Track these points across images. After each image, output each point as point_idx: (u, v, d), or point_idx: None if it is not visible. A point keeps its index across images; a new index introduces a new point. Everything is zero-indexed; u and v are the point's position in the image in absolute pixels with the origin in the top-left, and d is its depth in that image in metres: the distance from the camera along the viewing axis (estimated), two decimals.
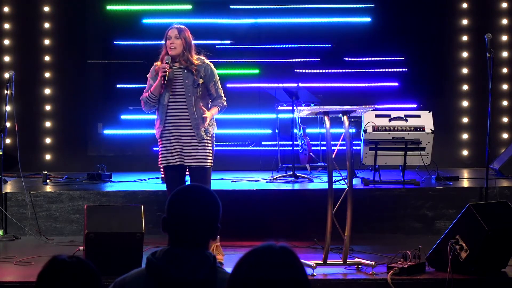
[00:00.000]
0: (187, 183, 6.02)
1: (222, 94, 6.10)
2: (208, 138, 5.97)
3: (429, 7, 10.07)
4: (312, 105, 8.63)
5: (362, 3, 10.04)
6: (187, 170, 5.99)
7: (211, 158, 5.98)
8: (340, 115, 5.89)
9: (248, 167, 9.62)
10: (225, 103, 6.09)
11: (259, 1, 10.03)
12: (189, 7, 9.96)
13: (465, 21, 10.15)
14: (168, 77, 5.87)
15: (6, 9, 9.96)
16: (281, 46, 10.00)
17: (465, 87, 10.16)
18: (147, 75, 6.11)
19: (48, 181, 8.36)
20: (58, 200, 7.46)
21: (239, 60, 9.97)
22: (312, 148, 9.09)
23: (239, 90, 9.80)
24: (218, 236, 6.01)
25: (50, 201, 7.45)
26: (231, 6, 10.00)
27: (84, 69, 10.01)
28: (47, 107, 9.98)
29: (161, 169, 6.64)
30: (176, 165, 5.93)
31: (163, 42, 6.01)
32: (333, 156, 5.77)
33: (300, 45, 10.01)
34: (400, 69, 10.01)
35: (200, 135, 5.91)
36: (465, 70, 10.16)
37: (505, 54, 10.10)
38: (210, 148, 5.99)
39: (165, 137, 5.96)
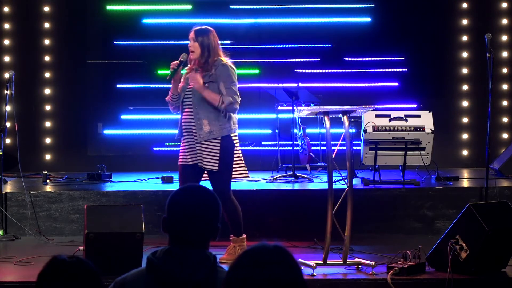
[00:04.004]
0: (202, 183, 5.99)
1: (234, 95, 5.99)
2: (215, 140, 5.87)
3: (429, 7, 10.07)
4: (312, 105, 8.63)
5: (362, 3, 10.04)
6: (205, 171, 5.95)
7: (216, 160, 5.87)
8: (340, 115, 5.88)
9: (248, 167, 9.55)
10: (231, 99, 5.93)
11: (259, 1, 10.02)
12: (189, 7, 9.95)
13: (465, 21, 10.14)
14: (172, 73, 5.89)
15: (6, 9, 9.96)
16: (281, 46, 9.99)
17: (465, 87, 10.16)
18: None
19: (48, 181, 8.35)
20: (58, 200, 7.46)
21: (239, 60, 9.86)
22: (312, 148, 9.09)
23: (239, 90, 9.74)
24: (244, 235, 6.03)
25: (50, 201, 7.45)
26: (231, 6, 9.99)
27: (84, 69, 10.00)
28: (47, 107, 9.97)
29: None
30: (186, 164, 5.93)
31: (163, 42, 6.01)
32: (333, 156, 5.77)
33: (300, 45, 10.00)
34: (400, 69, 10.01)
35: (201, 135, 5.85)
36: (465, 70, 10.15)
37: (505, 54, 10.10)
38: (217, 150, 5.87)
39: (182, 136, 5.96)
